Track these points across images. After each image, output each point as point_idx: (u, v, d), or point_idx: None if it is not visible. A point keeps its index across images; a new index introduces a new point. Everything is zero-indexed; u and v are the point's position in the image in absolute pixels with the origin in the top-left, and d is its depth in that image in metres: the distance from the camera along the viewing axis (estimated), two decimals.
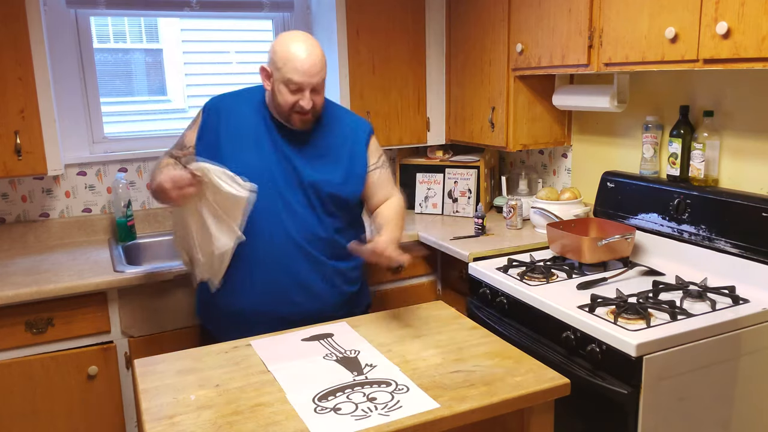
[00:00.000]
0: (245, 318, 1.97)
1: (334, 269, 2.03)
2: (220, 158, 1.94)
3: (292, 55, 1.86)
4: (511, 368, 1.52)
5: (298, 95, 1.89)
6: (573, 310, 1.87)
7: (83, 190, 2.81)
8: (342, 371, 1.53)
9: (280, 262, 1.96)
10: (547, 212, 2.62)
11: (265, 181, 1.93)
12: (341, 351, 1.64)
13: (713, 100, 2.19)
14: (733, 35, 1.71)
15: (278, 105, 1.93)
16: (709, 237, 2.09)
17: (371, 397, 1.40)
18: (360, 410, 1.35)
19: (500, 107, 2.74)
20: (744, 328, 1.80)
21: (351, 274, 2.09)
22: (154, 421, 1.33)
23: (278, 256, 1.95)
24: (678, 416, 1.74)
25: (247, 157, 1.96)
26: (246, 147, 1.97)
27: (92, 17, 2.79)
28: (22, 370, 2.18)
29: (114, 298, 2.29)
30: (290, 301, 1.97)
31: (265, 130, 1.99)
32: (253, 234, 1.93)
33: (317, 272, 2.00)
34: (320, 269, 2.00)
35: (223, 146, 1.97)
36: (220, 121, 2.01)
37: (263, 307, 1.97)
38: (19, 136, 2.35)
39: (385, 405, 1.36)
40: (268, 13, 3.10)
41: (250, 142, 1.98)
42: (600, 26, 2.16)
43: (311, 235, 1.98)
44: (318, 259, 1.99)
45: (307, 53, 1.87)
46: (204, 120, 2.04)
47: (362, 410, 1.35)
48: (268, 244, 1.95)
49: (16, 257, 2.53)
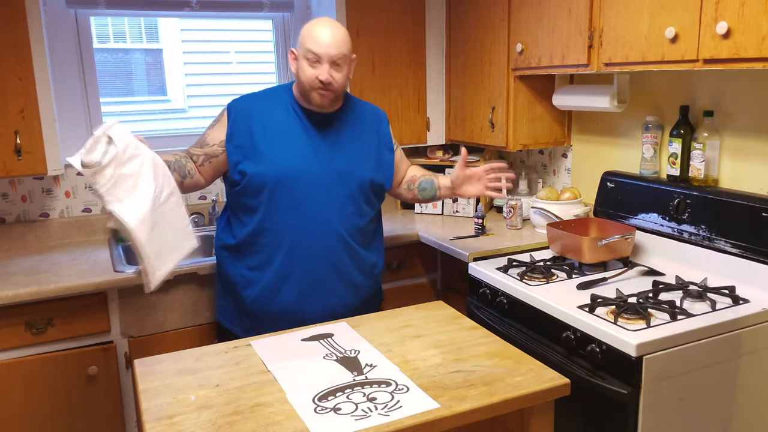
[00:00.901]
0: (289, 317, 2.00)
1: (366, 260, 2.12)
2: (255, 156, 2.00)
3: (314, 29, 1.95)
4: (511, 368, 1.52)
5: (317, 68, 1.93)
6: (573, 310, 1.87)
7: (83, 190, 2.81)
8: (342, 371, 1.53)
9: (325, 257, 2.02)
10: (547, 212, 2.62)
11: (305, 176, 1.99)
12: (341, 351, 1.64)
13: (713, 100, 2.19)
14: (733, 35, 1.71)
15: (300, 83, 1.99)
16: (709, 237, 2.09)
17: (371, 397, 1.40)
18: (360, 410, 1.35)
19: (500, 107, 2.74)
20: (744, 328, 1.80)
21: (379, 263, 2.20)
22: (154, 421, 1.33)
23: (323, 250, 2.01)
24: (678, 416, 1.74)
25: (287, 155, 2.00)
26: (285, 146, 2.01)
27: (92, 17, 2.79)
28: (22, 370, 2.18)
29: (114, 298, 2.29)
30: (335, 295, 2.04)
31: (300, 126, 2.04)
32: (297, 230, 1.99)
33: (356, 263, 2.08)
34: (358, 260, 2.08)
35: (261, 148, 2.00)
36: (252, 122, 2.03)
37: (308, 305, 2.02)
38: (19, 136, 2.35)
39: (385, 405, 1.36)
40: (268, 13, 3.10)
41: (287, 140, 2.02)
42: (600, 26, 2.16)
43: (352, 227, 2.05)
44: (356, 250, 2.07)
45: (329, 28, 1.95)
46: (232, 121, 2.05)
47: (362, 410, 1.34)
48: (312, 238, 2.00)
49: (16, 257, 2.53)
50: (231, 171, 2.04)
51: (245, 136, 2.02)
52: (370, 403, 1.37)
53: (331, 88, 1.96)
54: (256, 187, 1.99)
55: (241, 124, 2.03)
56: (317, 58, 1.92)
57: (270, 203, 1.99)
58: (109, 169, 1.60)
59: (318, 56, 1.92)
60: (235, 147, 2.02)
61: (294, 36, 3.14)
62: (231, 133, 2.04)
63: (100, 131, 1.62)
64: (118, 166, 1.62)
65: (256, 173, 1.98)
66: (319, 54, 1.92)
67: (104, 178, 1.59)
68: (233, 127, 2.04)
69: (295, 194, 1.99)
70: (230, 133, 2.04)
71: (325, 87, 1.94)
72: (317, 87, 1.95)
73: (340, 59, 1.95)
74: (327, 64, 1.93)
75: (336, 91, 1.99)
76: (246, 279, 2.06)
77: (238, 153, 2.02)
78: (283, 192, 1.98)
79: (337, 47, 1.94)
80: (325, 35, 1.93)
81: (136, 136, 1.73)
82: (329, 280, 2.03)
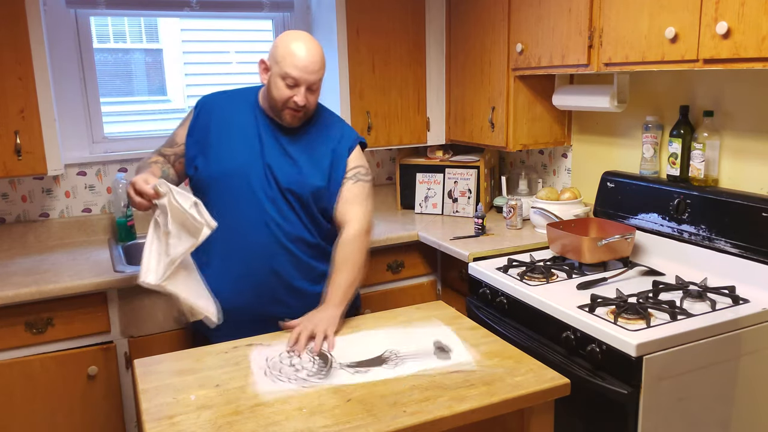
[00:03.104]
0: (236, 318, 1.96)
1: (316, 268, 2.00)
2: (208, 152, 1.97)
3: (293, 50, 1.88)
4: (511, 368, 1.52)
5: (293, 91, 1.90)
6: (573, 310, 1.87)
7: (83, 190, 2.81)
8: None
9: (264, 259, 1.94)
10: (547, 212, 2.62)
11: (247, 178, 1.95)
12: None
13: (713, 100, 2.19)
14: (733, 35, 1.71)
15: (272, 99, 1.95)
16: (709, 237, 2.09)
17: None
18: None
19: (500, 107, 2.74)
20: (744, 328, 1.80)
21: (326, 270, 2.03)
22: (154, 421, 1.33)
23: (262, 254, 1.94)
24: (678, 416, 1.74)
25: (234, 156, 1.97)
26: (235, 147, 1.98)
27: (92, 17, 2.79)
28: (22, 370, 2.18)
29: (114, 298, 2.29)
30: (279, 302, 1.96)
31: (255, 129, 2.00)
32: (237, 230, 1.94)
33: (299, 269, 1.98)
34: (303, 266, 1.98)
35: (212, 141, 1.99)
36: (212, 118, 2.03)
37: (253, 307, 1.96)
38: (19, 136, 2.35)
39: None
40: (268, 13, 3.10)
41: (239, 141, 1.99)
42: (600, 26, 2.16)
43: (295, 236, 1.96)
44: (298, 257, 1.97)
45: (308, 51, 1.89)
46: (195, 117, 2.06)
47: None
48: (249, 241, 1.94)
49: (16, 257, 2.53)
50: (187, 165, 2.04)
51: (204, 132, 2.02)
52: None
53: (305, 110, 1.94)
54: (204, 184, 1.99)
55: (203, 119, 2.04)
56: (296, 82, 1.89)
57: (215, 201, 1.95)
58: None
59: (296, 81, 1.88)
60: (194, 142, 2.02)
61: None
62: (192, 127, 2.05)
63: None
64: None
65: (203, 169, 1.98)
66: (298, 79, 1.88)
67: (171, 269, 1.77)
68: (195, 123, 2.05)
69: (235, 195, 1.95)
70: (191, 128, 2.05)
71: (299, 109, 1.92)
72: (291, 108, 1.92)
73: (316, 83, 1.93)
74: (303, 88, 1.90)
75: (309, 112, 1.97)
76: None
77: (196, 148, 2.01)
78: (224, 191, 1.96)
79: (317, 73, 1.90)
80: (304, 59, 1.87)
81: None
82: (269, 282, 1.95)
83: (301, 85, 1.89)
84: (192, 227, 1.76)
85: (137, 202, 1.81)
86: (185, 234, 1.77)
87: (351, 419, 1.32)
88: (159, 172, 2.02)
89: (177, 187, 1.79)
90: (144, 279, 1.77)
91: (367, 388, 1.45)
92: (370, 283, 2.68)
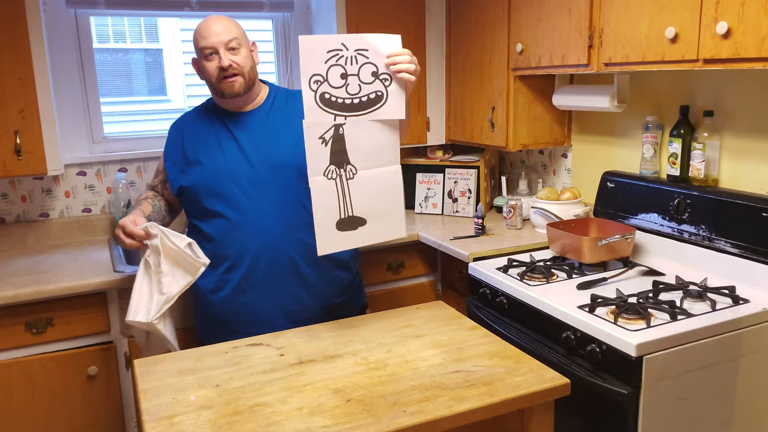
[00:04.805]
0: (249, 320, 1.99)
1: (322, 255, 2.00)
2: (187, 167, 2.02)
3: (200, 28, 1.98)
4: (511, 368, 1.52)
5: (215, 60, 1.95)
6: (573, 310, 1.87)
7: (83, 190, 2.81)
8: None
9: (268, 251, 1.97)
10: (547, 212, 2.62)
11: (236, 177, 1.97)
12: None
13: (713, 100, 2.19)
14: (733, 35, 1.71)
15: (210, 84, 2.00)
16: (709, 237, 2.09)
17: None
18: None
19: (500, 107, 2.74)
20: (744, 328, 1.80)
21: (340, 256, 2.05)
22: (154, 421, 1.33)
23: (266, 246, 1.96)
24: (678, 416, 1.74)
25: (213, 160, 2.00)
26: (211, 152, 2.02)
27: (92, 17, 2.79)
28: (22, 370, 2.18)
29: (114, 298, 2.29)
30: (285, 291, 1.99)
31: (223, 130, 2.04)
32: (236, 232, 1.96)
33: (305, 257, 1.99)
34: (310, 253, 1.96)
35: (191, 159, 2.03)
36: (184, 136, 2.09)
37: (266, 306, 1.99)
38: (18, 136, 2.35)
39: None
40: (268, 13, 3.09)
41: (212, 146, 2.03)
42: (600, 26, 2.16)
43: (299, 220, 1.98)
44: (305, 242, 1.98)
45: (210, 20, 1.98)
46: (169, 140, 2.13)
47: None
48: (252, 238, 1.96)
49: (16, 257, 2.53)
50: (172, 187, 2.09)
51: (179, 151, 2.07)
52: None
53: (235, 71, 1.96)
54: (192, 197, 2.02)
55: (176, 141, 2.10)
56: (212, 50, 1.94)
57: (206, 210, 2.00)
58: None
59: (212, 47, 1.94)
60: (172, 164, 2.08)
61: (294, 36, 3.14)
62: (168, 151, 2.11)
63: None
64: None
65: (188, 184, 2.02)
66: (212, 45, 1.94)
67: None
68: (169, 146, 2.12)
69: (226, 196, 1.97)
70: (167, 152, 2.12)
71: (228, 73, 1.95)
72: (222, 77, 1.96)
73: (234, 42, 1.96)
74: (222, 50, 1.94)
75: (242, 73, 1.98)
76: (200, 289, 2.06)
77: (175, 169, 2.07)
78: (215, 197, 1.98)
79: (227, 33, 1.95)
80: (209, 27, 1.95)
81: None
82: (275, 275, 1.97)
83: (217, 48, 1.94)
84: (187, 265, 1.84)
85: (127, 243, 1.88)
86: (179, 272, 1.86)
87: (351, 419, 1.32)
88: (149, 208, 2.08)
89: (168, 229, 1.87)
90: (133, 318, 1.85)
91: (367, 388, 1.45)
92: (370, 283, 2.68)
